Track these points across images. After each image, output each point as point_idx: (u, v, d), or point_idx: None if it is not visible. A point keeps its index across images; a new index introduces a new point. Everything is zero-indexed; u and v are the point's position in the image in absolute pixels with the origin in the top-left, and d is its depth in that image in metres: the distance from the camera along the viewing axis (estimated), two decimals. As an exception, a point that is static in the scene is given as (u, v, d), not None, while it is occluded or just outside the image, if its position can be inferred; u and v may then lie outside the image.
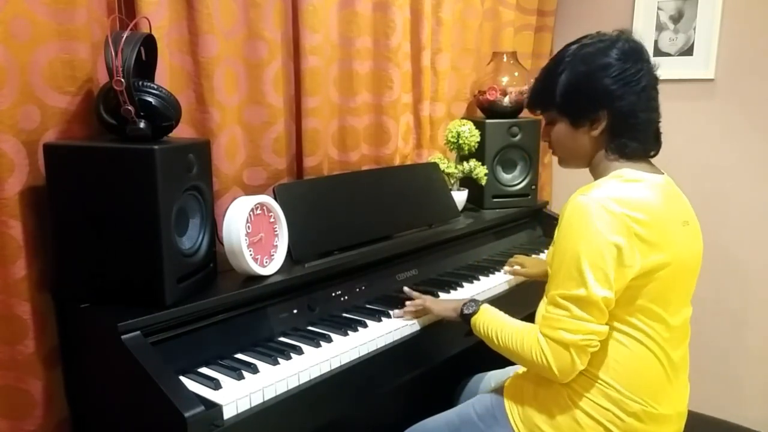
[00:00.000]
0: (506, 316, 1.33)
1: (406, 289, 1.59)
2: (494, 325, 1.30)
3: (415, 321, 1.50)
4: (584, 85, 1.26)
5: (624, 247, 1.14)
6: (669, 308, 1.21)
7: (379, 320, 1.48)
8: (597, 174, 1.30)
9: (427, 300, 1.51)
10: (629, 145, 1.25)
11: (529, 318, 1.32)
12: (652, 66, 1.26)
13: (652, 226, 1.16)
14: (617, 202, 1.15)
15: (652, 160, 1.31)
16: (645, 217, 1.16)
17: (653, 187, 1.22)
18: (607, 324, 1.18)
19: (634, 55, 1.23)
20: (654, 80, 1.26)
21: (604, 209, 1.14)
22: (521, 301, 1.69)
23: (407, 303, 1.53)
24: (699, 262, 1.31)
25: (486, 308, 1.36)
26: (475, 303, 1.38)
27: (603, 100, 1.24)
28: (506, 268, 1.86)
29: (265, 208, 1.43)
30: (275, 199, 1.48)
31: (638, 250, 1.15)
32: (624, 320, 1.20)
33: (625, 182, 1.21)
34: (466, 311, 1.38)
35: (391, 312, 1.51)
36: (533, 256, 1.98)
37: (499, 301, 1.71)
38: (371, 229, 1.71)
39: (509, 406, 1.33)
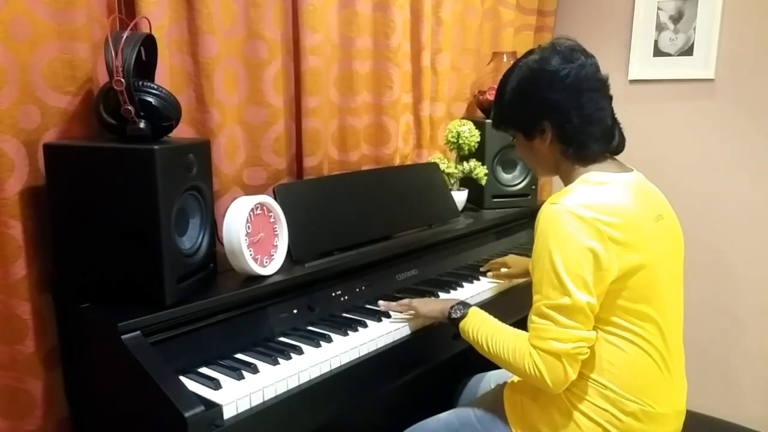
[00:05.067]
0: (496, 321, 1.31)
1: (381, 303, 1.53)
2: (484, 331, 1.28)
3: (414, 321, 1.50)
4: (522, 100, 1.29)
5: (599, 252, 1.14)
6: (656, 306, 1.21)
7: (379, 320, 1.48)
8: (566, 180, 1.30)
9: (413, 300, 1.48)
10: (584, 149, 1.25)
11: (526, 320, 1.32)
12: (587, 67, 1.24)
13: (625, 228, 1.16)
14: (587, 207, 1.15)
15: (621, 158, 1.32)
16: (616, 220, 1.16)
17: (622, 187, 1.22)
18: (594, 329, 1.18)
19: (563, 63, 1.23)
20: (591, 81, 1.24)
21: (574, 216, 1.15)
22: (520, 302, 1.68)
23: (393, 305, 1.51)
24: (680, 254, 1.31)
25: (475, 312, 1.34)
26: (463, 306, 1.36)
27: (540, 112, 1.26)
28: (489, 273, 1.83)
29: (265, 208, 1.43)
30: (275, 199, 1.48)
31: (614, 253, 1.15)
32: (612, 322, 1.20)
33: (594, 186, 1.21)
34: (453, 315, 1.35)
35: (383, 317, 1.49)
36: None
37: (499, 301, 1.73)
38: (371, 229, 1.71)
39: (508, 408, 1.33)
